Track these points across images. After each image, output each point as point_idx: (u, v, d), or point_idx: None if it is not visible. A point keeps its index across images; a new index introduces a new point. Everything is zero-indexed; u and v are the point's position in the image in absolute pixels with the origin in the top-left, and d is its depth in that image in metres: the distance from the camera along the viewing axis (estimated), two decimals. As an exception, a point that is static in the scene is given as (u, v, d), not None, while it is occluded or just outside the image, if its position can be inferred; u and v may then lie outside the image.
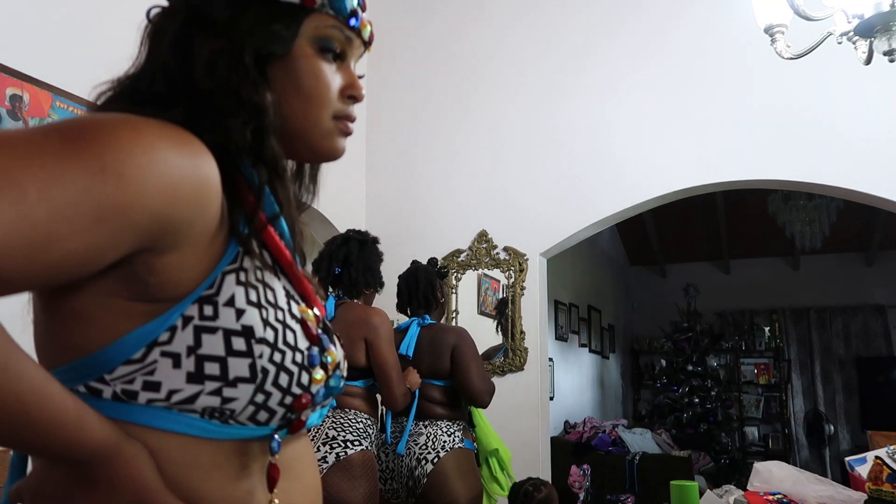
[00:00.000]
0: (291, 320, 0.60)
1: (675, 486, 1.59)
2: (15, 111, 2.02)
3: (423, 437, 2.33)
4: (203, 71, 0.60)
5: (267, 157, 0.62)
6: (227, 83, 0.60)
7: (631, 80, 3.46)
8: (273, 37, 0.62)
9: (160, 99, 0.60)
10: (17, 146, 0.46)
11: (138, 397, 0.54)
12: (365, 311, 2.22)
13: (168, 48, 0.61)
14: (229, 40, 0.61)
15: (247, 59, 0.61)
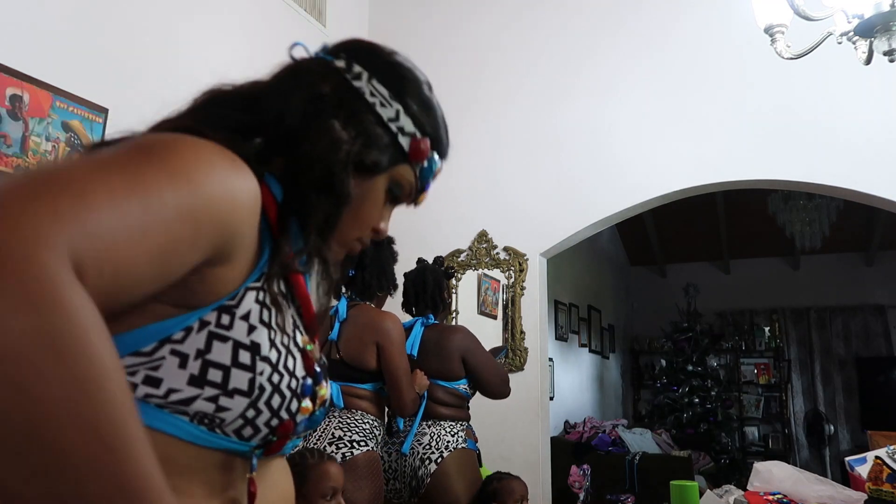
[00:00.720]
0: (294, 348, 0.63)
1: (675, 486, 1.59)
2: (15, 111, 2.02)
3: (426, 437, 2.34)
4: (323, 145, 0.65)
5: (319, 245, 0.66)
6: (331, 166, 0.65)
7: (631, 80, 3.46)
8: (377, 161, 0.70)
9: (256, 130, 0.66)
10: (110, 171, 0.47)
11: (136, 390, 0.54)
12: (377, 315, 2.21)
13: (302, 101, 0.67)
14: (353, 138, 0.67)
15: (353, 155, 0.67)
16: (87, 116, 2.22)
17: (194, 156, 0.53)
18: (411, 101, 0.73)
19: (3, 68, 1.98)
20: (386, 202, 0.75)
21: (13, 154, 2.00)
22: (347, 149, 0.66)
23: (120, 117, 2.29)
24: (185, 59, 2.61)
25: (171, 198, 0.48)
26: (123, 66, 2.38)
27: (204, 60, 2.70)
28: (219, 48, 2.80)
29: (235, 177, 0.56)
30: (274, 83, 0.70)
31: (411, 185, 0.75)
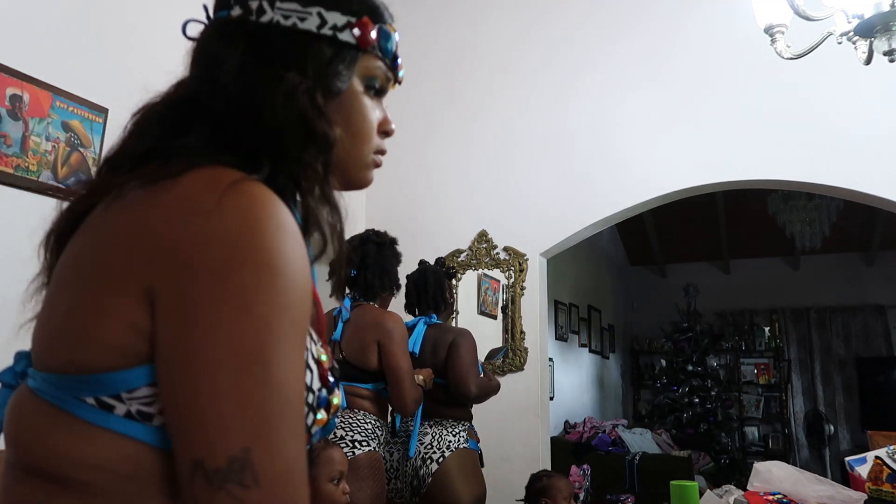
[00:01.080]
0: (311, 360, 0.62)
1: (675, 486, 1.59)
2: (15, 111, 2.02)
3: (428, 437, 2.34)
4: (282, 103, 0.61)
5: (327, 192, 0.64)
6: (302, 118, 0.61)
7: (631, 81, 3.46)
8: (338, 75, 0.66)
9: (223, 129, 0.62)
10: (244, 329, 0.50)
11: (153, 419, 0.53)
12: (380, 315, 2.21)
13: (231, 76, 0.62)
14: (302, 76, 0.63)
15: (319, 94, 0.63)
16: (87, 116, 2.22)
17: (284, 285, 0.52)
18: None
19: (3, 68, 1.98)
20: (372, 100, 0.71)
21: (13, 154, 2.00)
22: (304, 89, 0.62)
23: (120, 117, 2.29)
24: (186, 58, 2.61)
25: (296, 351, 0.53)
26: (123, 66, 2.38)
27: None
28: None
29: (303, 253, 0.55)
30: (199, 84, 0.65)
31: (382, 70, 0.70)
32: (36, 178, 2.06)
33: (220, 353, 0.49)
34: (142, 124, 0.66)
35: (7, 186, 1.98)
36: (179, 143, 0.61)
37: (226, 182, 0.54)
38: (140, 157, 0.61)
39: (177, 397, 0.50)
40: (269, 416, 0.49)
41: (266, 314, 0.50)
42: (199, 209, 0.52)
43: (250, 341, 0.49)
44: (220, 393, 0.48)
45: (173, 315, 0.51)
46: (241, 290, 0.50)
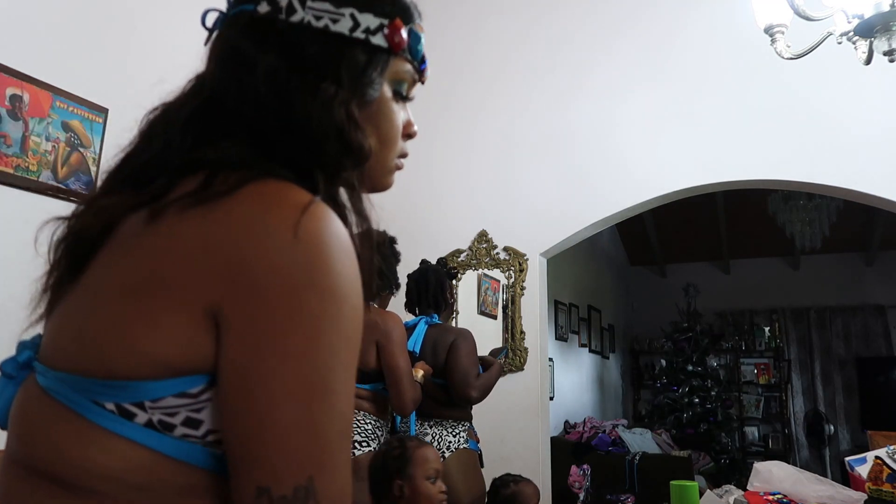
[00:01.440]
0: None
1: (675, 486, 1.59)
2: (15, 111, 2.02)
3: (427, 438, 2.34)
4: (319, 116, 0.59)
5: (359, 204, 0.63)
6: (340, 131, 0.59)
7: (631, 81, 3.46)
8: (372, 83, 0.63)
9: (258, 136, 0.60)
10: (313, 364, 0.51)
11: (174, 430, 0.52)
12: (378, 315, 2.21)
13: (264, 81, 0.59)
14: (337, 85, 0.60)
15: (355, 105, 0.61)
16: (87, 116, 2.22)
17: (342, 289, 0.53)
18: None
19: (3, 68, 1.98)
20: (398, 103, 0.68)
21: (13, 154, 2.00)
22: (340, 101, 0.60)
23: (120, 117, 2.29)
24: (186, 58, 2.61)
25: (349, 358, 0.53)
26: (123, 66, 2.38)
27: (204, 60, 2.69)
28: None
29: (358, 275, 0.56)
30: (226, 86, 0.61)
31: (410, 73, 0.67)
32: (36, 178, 2.06)
33: (290, 384, 0.50)
34: (163, 128, 0.63)
35: (7, 186, 1.98)
36: (221, 152, 0.58)
37: (296, 205, 0.53)
38: (178, 167, 0.59)
39: (243, 423, 0.50)
40: (332, 445, 0.51)
41: (333, 343, 0.51)
42: (272, 231, 0.51)
43: (319, 372, 0.50)
44: (289, 423, 0.49)
45: (243, 340, 0.50)
46: (313, 319, 0.50)
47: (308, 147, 0.59)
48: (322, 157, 0.60)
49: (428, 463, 1.75)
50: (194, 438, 0.52)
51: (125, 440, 0.51)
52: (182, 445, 0.52)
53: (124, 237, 0.57)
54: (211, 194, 0.54)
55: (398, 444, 1.81)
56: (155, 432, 0.51)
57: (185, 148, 0.60)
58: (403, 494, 1.73)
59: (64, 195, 2.12)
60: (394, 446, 1.81)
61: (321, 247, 0.52)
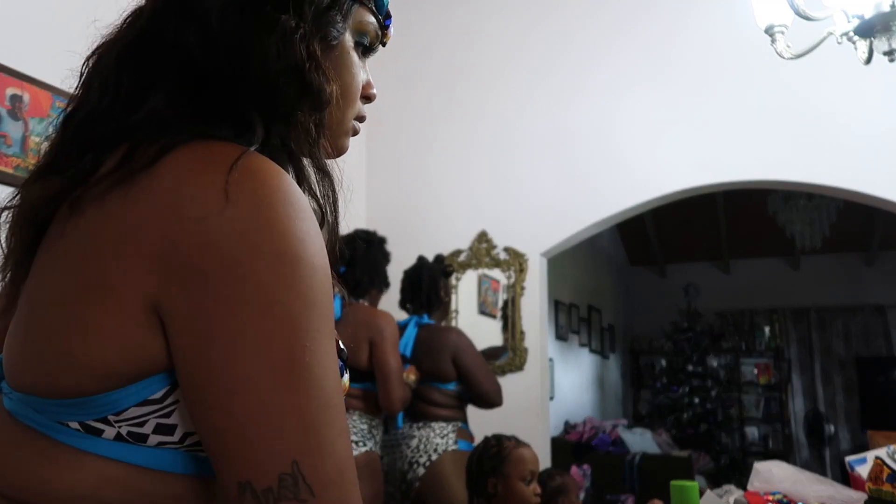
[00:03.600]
0: None
1: (675, 486, 1.59)
2: (15, 111, 2.02)
3: (414, 441, 2.32)
4: (276, 52, 0.52)
5: (317, 156, 0.57)
6: (297, 68, 0.53)
7: (631, 81, 3.46)
8: (334, 23, 0.58)
9: (199, 78, 0.53)
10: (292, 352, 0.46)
11: (147, 440, 0.48)
12: (371, 314, 2.21)
13: (214, 15, 0.53)
14: (298, 19, 0.54)
15: (316, 43, 0.55)
16: (87, 116, 2.22)
17: (307, 268, 0.47)
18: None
19: (3, 68, 1.98)
20: (359, 59, 0.63)
21: (13, 154, 2.00)
22: (301, 36, 0.53)
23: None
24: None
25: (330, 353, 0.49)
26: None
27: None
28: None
29: (317, 230, 0.50)
30: (165, 18, 0.55)
31: (374, 26, 0.63)
32: (36, 178, 2.06)
33: (250, 366, 0.44)
34: (97, 78, 0.56)
35: (7, 186, 1.98)
36: (146, 110, 0.52)
37: (223, 163, 0.46)
38: (104, 138, 0.53)
39: (210, 419, 0.45)
40: (313, 422, 0.45)
41: (292, 310, 0.45)
42: (199, 200, 0.45)
43: (279, 346, 0.44)
44: (258, 409, 0.44)
45: (189, 330, 0.45)
46: (263, 288, 0.44)
47: (260, 88, 0.53)
48: (276, 100, 0.53)
49: (524, 463, 1.75)
50: (172, 445, 0.49)
51: (96, 457, 0.47)
52: (159, 454, 0.48)
53: (51, 237, 0.52)
54: (127, 172, 0.48)
55: (495, 442, 1.80)
56: (127, 444, 0.48)
57: (117, 105, 0.54)
58: (497, 492, 1.72)
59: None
60: (491, 445, 1.80)
61: (260, 205, 0.45)
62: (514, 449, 1.77)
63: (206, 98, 0.53)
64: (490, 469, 1.76)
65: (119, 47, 0.56)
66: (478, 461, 1.80)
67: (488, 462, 1.77)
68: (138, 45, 0.55)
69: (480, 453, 1.82)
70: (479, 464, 1.79)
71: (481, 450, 1.84)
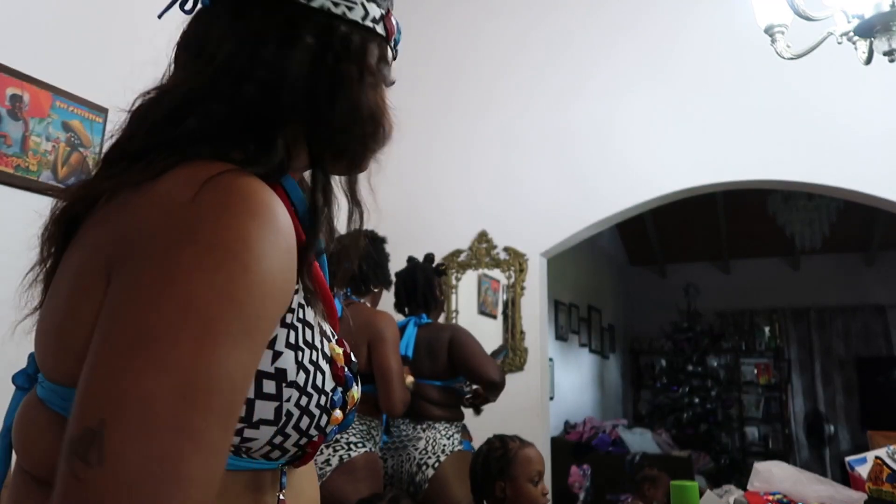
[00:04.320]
0: (322, 361, 0.58)
1: (675, 486, 1.59)
2: (15, 111, 2.02)
3: (422, 442, 2.32)
4: (358, 99, 0.61)
5: (356, 190, 0.65)
6: (375, 113, 0.62)
7: (631, 81, 3.46)
8: (388, 70, 0.67)
9: (244, 113, 0.57)
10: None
11: None
12: (372, 315, 2.18)
13: (300, 66, 0.59)
14: (367, 71, 0.63)
15: (382, 91, 0.64)
16: (87, 116, 2.22)
17: (247, 267, 0.47)
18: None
19: (3, 68, 1.98)
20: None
21: (13, 154, 2.00)
22: (372, 85, 0.62)
23: (120, 117, 2.28)
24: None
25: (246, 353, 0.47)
26: (123, 66, 2.37)
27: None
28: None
29: (283, 249, 0.50)
30: (231, 52, 0.59)
31: (391, 58, 0.70)
32: (36, 178, 2.06)
33: (129, 325, 0.44)
34: (156, 112, 0.61)
35: (7, 186, 1.98)
36: (178, 132, 0.56)
37: (203, 177, 0.50)
38: (134, 154, 0.57)
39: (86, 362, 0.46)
40: (147, 396, 0.41)
41: (198, 295, 0.44)
42: (169, 198, 0.49)
43: (165, 318, 0.43)
44: (106, 361, 0.43)
45: (111, 291, 0.47)
46: (178, 267, 0.45)
47: (328, 130, 0.60)
48: (352, 141, 0.62)
49: (531, 464, 1.71)
50: None
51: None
52: None
53: (77, 237, 0.57)
54: (135, 182, 0.53)
55: (500, 444, 1.75)
56: None
57: (165, 125, 0.58)
58: (506, 496, 1.68)
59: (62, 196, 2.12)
60: (496, 447, 1.75)
61: (218, 206, 0.48)
62: (520, 450, 1.73)
63: (237, 123, 0.58)
64: (497, 472, 1.71)
65: (184, 90, 0.59)
66: (483, 464, 1.76)
67: (495, 464, 1.72)
68: (204, 88, 0.59)
69: (486, 456, 1.78)
70: (484, 467, 1.75)
71: (486, 452, 1.79)
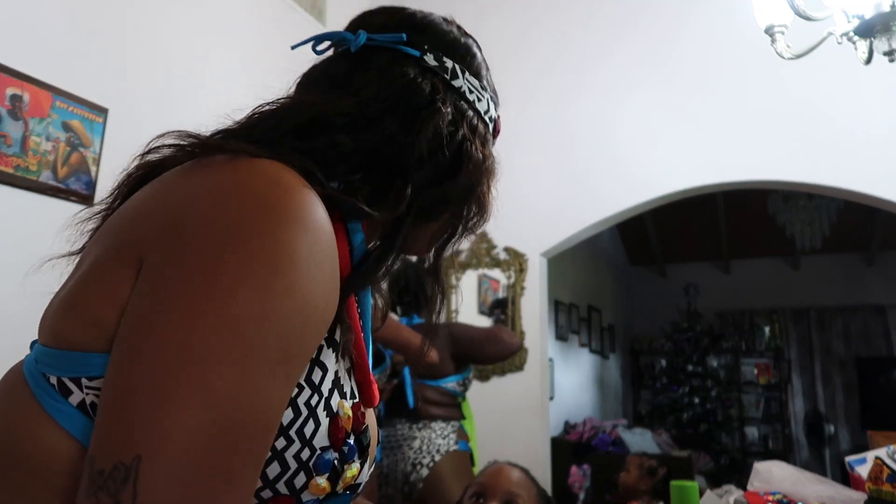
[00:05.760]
0: (322, 411, 0.51)
1: (675, 486, 1.59)
2: (15, 111, 2.02)
3: (416, 442, 2.32)
4: (472, 176, 0.64)
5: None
6: (480, 193, 0.66)
7: (631, 81, 3.46)
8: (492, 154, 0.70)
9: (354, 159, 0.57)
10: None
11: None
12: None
13: (436, 129, 0.61)
14: (488, 156, 0.67)
15: (489, 169, 0.67)
16: (87, 116, 2.22)
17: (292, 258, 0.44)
18: (488, 81, 0.72)
19: (3, 68, 1.98)
20: None
21: (13, 154, 2.00)
22: (489, 165, 0.66)
23: (120, 117, 2.29)
24: (185, 58, 2.61)
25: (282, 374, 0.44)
26: (123, 66, 2.38)
27: (204, 60, 2.70)
28: (219, 48, 2.80)
29: (329, 275, 0.48)
30: (375, 102, 0.59)
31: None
32: (36, 178, 2.06)
33: (167, 343, 0.40)
34: (269, 114, 0.59)
35: (7, 186, 1.98)
36: (300, 145, 0.55)
37: (272, 177, 0.47)
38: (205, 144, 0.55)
39: (108, 377, 0.42)
40: (188, 432, 0.39)
41: (241, 315, 0.41)
42: (213, 186, 0.46)
43: (207, 339, 0.40)
44: (142, 386, 0.40)
45: (144, 289, 0.43)
46: (225, 279, 0.42)
47: (444, 201, 0.63)
48: (456, 217, 0.66)
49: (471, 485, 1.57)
50: None
51: (56, 426, 0.45)
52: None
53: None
54: (188, 161, 0.52)
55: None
56: (85, 418, 0.45)
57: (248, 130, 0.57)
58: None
59: (64, 195, 2.12)
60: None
61: (267, 214, 0.45)
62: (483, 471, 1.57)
63: (354, 161, 0.58)
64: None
65: (316, 111, 0.58)
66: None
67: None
68: (337, 117, 0.59)
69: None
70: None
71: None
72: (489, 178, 0.67)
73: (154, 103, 2.42)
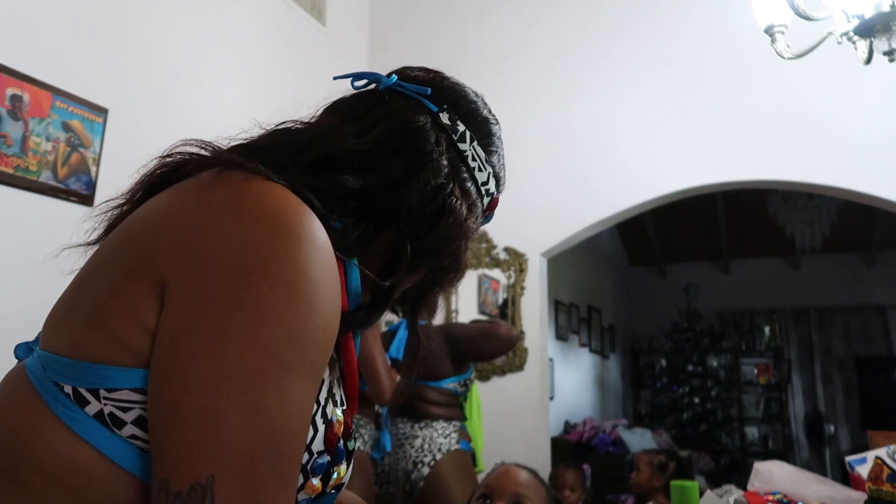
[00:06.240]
0: (319, 418, 0.56)
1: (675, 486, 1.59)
2: (15, 111, 2.02)
3: (418, 440, 2.32)
4: (451, 233, 0.65)
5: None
6: (459, 254, 0.68)
7: (631, 81, 3.46)
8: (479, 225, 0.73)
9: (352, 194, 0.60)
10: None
11: (123, 429, 0.48)
12: None
13: (429, 177, 0.63)
14: (472, 218, 0.69)
15: (473, 231, 0.70)
16: (87, 116, 2.22)
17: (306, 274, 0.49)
18: (497, 161, 0.73)
19: (3, 68, 1.98)
20: None
21: (13, 154, 2.00)
22: (469, 227, 0.67)
23: (120, 117, 2.29)
24: (185, 58, 2.61)
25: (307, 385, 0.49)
26: (123, 66, 2.38)
27: (204, 60, 2.70)
28: (219, 48, 2.80)
29: (336, 295, 0.52)
30: (383, 140, 0.63)
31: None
32: (36, 178, 2.06)
33: (212, 369, 0.45)
34: (270, 154, 0.60)
35: (7, 186, 1.98)
36: (314, 181, 0.58)
37: (278, 198, 0.51)
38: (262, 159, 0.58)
39: (158, 406, 0.46)
40: (248, 448, 0.44)
41: (274, 337, 0.46)
42: (241, 212, 0.49)
43: (247, 363, 0.45)
44: (200, 412, 0.44)
45: (177, 316, 0.47)
46: (255, 305, 0.46)
47: (422, 252, 0.64)
48: (436, 265, 0.67)
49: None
50: (141, 443, 0.48)
51: (71, 433, 0.47)
52: (126, 448, 0.47)
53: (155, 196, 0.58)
54: (197, 177, 0.55)
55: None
56: (102, 427, 0.47)
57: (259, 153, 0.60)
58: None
59: (64, 195, 2.12)
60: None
61: (278, 230, 0.49)
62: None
63: (354, 199, 0.60)
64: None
65: (305, 159, 0.60)
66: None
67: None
68: (345, 152, 0.62)
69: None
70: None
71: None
72: (467, 237, 0.68)
73: (154, 103, 2.42)
